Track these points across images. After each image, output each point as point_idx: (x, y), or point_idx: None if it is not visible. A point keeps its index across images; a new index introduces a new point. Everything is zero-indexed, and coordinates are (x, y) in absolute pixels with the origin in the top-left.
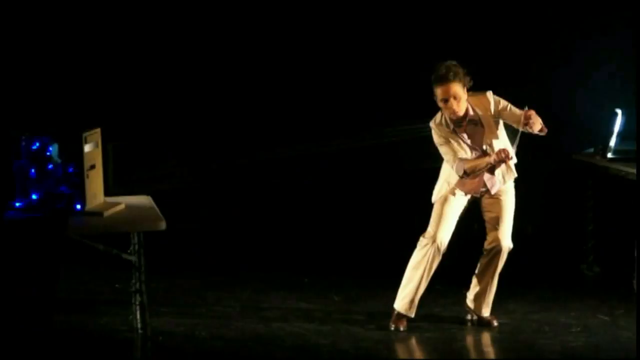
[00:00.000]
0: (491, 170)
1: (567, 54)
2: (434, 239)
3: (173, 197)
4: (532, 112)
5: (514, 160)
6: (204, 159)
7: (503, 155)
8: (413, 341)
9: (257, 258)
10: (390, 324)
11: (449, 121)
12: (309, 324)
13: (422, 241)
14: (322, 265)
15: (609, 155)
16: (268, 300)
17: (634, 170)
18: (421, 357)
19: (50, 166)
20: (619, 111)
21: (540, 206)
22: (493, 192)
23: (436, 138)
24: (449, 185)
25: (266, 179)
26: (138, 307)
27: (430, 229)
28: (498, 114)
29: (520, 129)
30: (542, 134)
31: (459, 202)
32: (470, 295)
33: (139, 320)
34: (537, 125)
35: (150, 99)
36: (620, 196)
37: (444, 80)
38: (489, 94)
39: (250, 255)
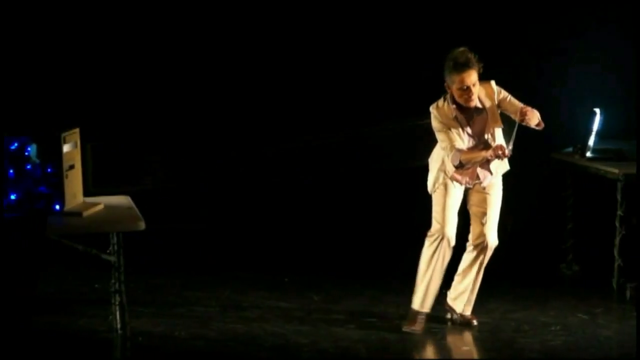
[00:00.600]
0: (485, 162)
1: (547, 53)
2: (442, 235)
3: (152, 197)
4: (528, 109)
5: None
6: (183, 159)
7: (500, 152)
8: (393, 340)
9: (237, 258)
10: (403, 322)
11: (452, 108)
12: (288, 324)
13: (430, 237)
14: (302, 265)
15: (588, 154)
16: (248, 300)
17: (613, 169)
18: (401, 357)
19: (29, 166)
20: (597, 110)
21: (520, 205)
22: (485, 183)
23: (435, 124)
24: (444, 174)
25: (246, 178)
26: (117, 308)
27: (436, 224)
28: (498, 104)
29: (517, 121)
30: (539, 128)
31: (457, 193)
32: (452, 294)
33: (118, 321)
34: (534, 120)
35: (129, 98)
36: (600, 195)
37: (466, 67)
38: (493, 83)
39: (230, 254)
